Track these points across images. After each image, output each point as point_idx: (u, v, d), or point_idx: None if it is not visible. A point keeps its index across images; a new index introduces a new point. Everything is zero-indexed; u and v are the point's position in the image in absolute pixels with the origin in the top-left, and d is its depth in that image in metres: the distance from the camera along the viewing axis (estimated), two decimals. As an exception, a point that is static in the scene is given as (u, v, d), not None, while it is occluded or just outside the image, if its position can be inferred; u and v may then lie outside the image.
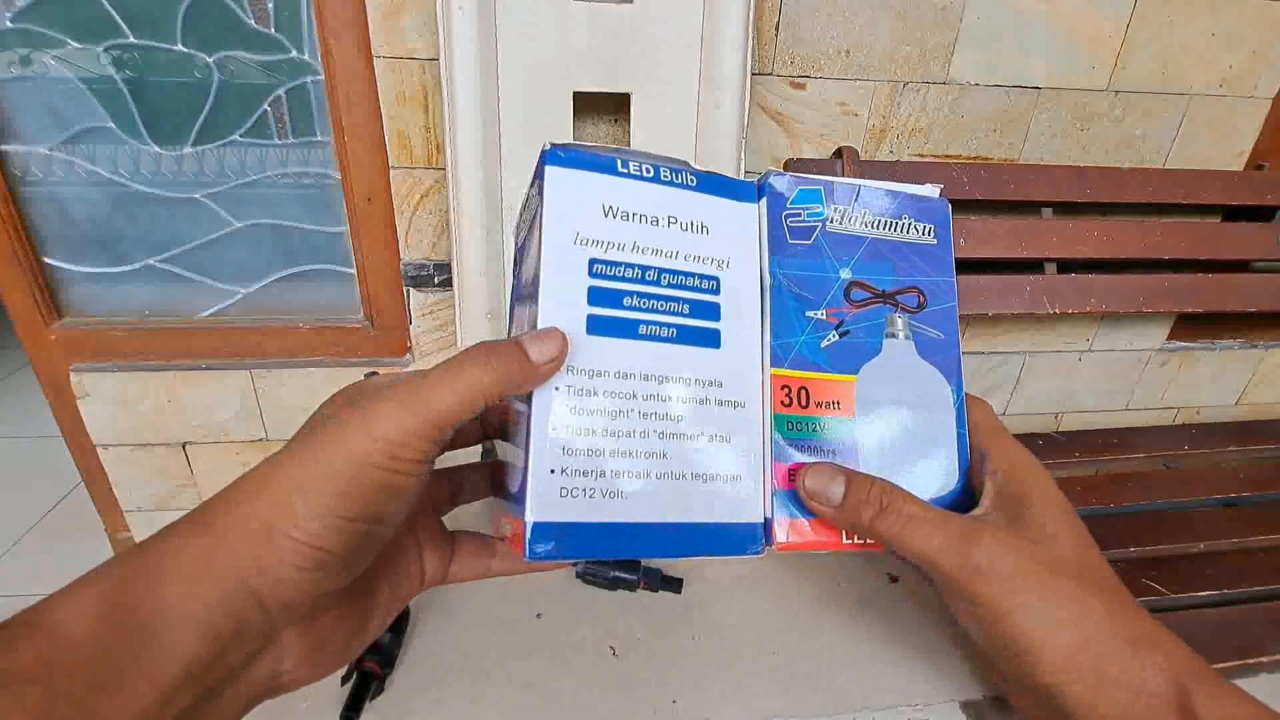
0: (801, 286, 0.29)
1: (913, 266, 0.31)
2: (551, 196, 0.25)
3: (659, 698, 0.33)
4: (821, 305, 0.29)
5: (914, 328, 0.31)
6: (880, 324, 0.30)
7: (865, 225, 0.30)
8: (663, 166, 0.28)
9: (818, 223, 0.29)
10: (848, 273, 0.30)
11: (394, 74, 0.94)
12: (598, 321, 0.25)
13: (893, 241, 0.31)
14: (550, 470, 0.23)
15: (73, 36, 0.93)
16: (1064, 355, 1.30)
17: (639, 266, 0.26)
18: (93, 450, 1.13)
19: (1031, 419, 1.36)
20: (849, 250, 0.30)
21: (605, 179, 0.26)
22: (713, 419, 0.27)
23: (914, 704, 0.33)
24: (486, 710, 0.32)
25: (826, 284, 0.30)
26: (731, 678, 0.34)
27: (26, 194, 1.00)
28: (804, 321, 0.29)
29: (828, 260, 0.30)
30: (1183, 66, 1.10)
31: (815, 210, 0.29)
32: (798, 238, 0.29)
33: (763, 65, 1.00)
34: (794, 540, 0.28)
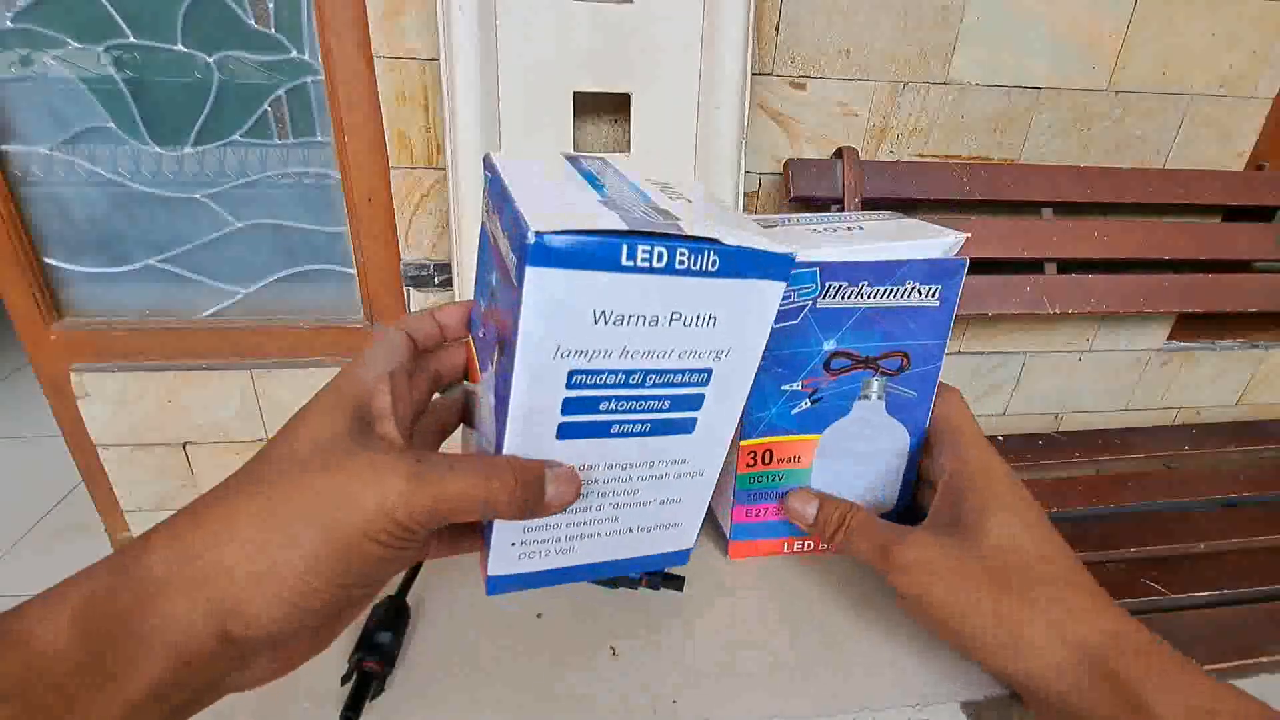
0: (781, 364, 0.29)
1: (905, 330, 0.30)
2: (532, 306, 0.19)
3: (659, 698, 0.33)
4: (799, 378, 0.29)
5: (890, 389, 0.31)
6: (855, 388, 0.31)
7: (861, 297, 0.29)
8: (681, 248, 0.20)
9: (806, 302, 0.28)
10: (831, 344, 0.29)
11: (394, 74, 0.94)
12: (569, 428, 0.23)
13: (889, 308, 0.29)
14: (510, 544, 0.26)
15: (73, 36, 0.93)
16: (1064, 355, 1.30)
17: (624, 372, 0.22)
18: (93, 450, 1.13)
19: (1031, 419, 1.36)
20: (837, 323, 0.29)
21: (604, 277, 0.19)
22: (669, 488, 0.26)
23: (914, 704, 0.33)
24: (486, 710, 0.32)
25: (807, 358, 0.29)
26: (731, 678, 0.34)
27: (26, 194, 1.00)
28: (779, 394, 0.29)
29: (812, 337, 0.29)
30: (1183, 66, 1.10)
31: (806, 290, 0.28)
32: (783, 320, 0.28)
33: (763, 65, 1.00)
34: (744, 553, 0.38)
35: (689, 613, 0.38)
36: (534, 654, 0.35)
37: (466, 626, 0.36)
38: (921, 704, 0.33)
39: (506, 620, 0.36)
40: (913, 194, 1.06)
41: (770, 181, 1.08)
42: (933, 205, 1.10)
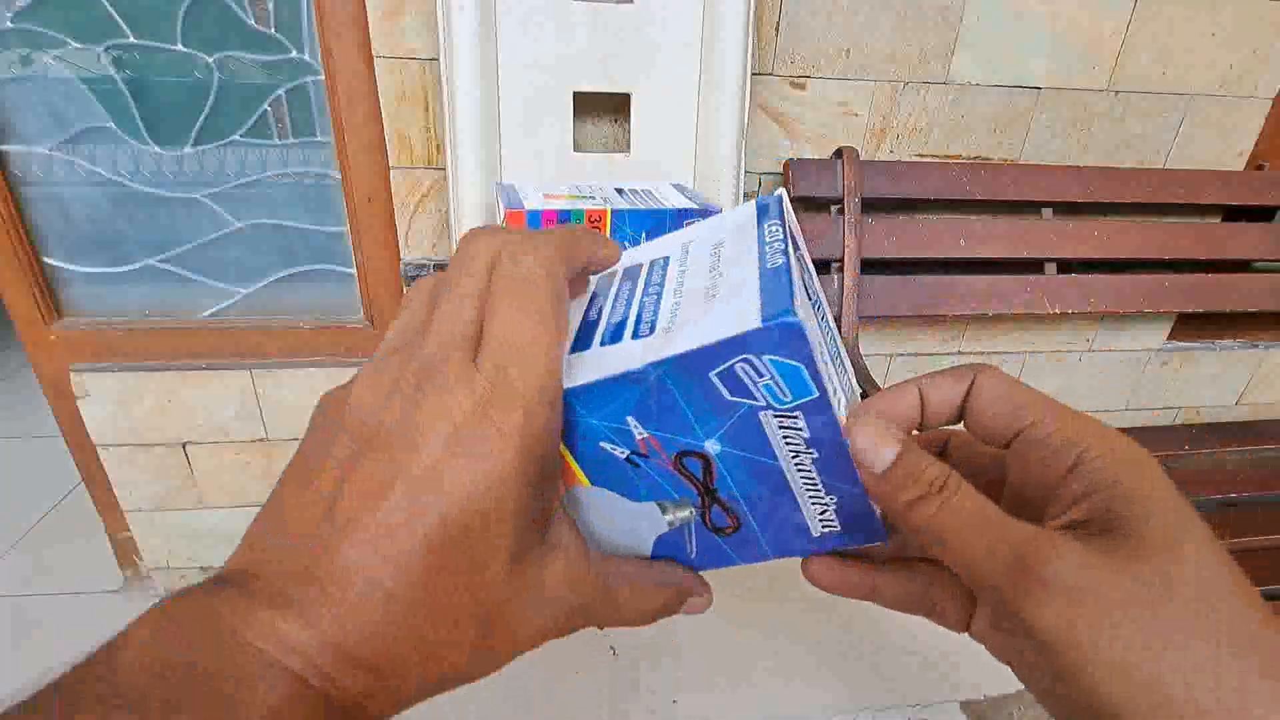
0: (659, 404, 0.21)
1: (770, 516, 0.23)
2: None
3: (659, 698, 0.33)
4: (654, 432, 0.21)
5: (686, 529, 0.24)
6: (668, 495, 0.23)
7: (794, 458, 0.21)
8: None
9: (762, 401, 0.20)
10: (713, 447, 0.21)
11: (394, 74, 0.94)
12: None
13: (794, 497, 0.22)
14: None
15: (73, 36, 0.93)
16: (1064, 355, 1.30)
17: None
18: (93, 450, 1.13)
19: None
20: (747, 442, 0.21)
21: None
22: None
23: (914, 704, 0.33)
24: (486, 710, 0.32)
25: (683, 430, 0.21)
26: (731, 678, 0.34)
27: (26, 194, 1.00)
28: (617, 420, 0.21)
29: (715, 422, 0.21)
30: (1183, 66, 1.10)
31: (779, 395, 0.20)
32: (724, 383, 0.20)
33: (763, 65, 1.00)
34: None
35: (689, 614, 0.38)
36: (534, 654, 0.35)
37: (467, 626, 0.36)
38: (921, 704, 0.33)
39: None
40: (913, 194, 1.06)
41: (770, 181, 1.08)
42: (933, 205, 1.10)
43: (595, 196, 0.69)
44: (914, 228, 1.07)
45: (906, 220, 1.09)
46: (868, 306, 1.06)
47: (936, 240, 1.07)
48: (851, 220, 1.03)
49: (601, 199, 0.67)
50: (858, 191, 1.02)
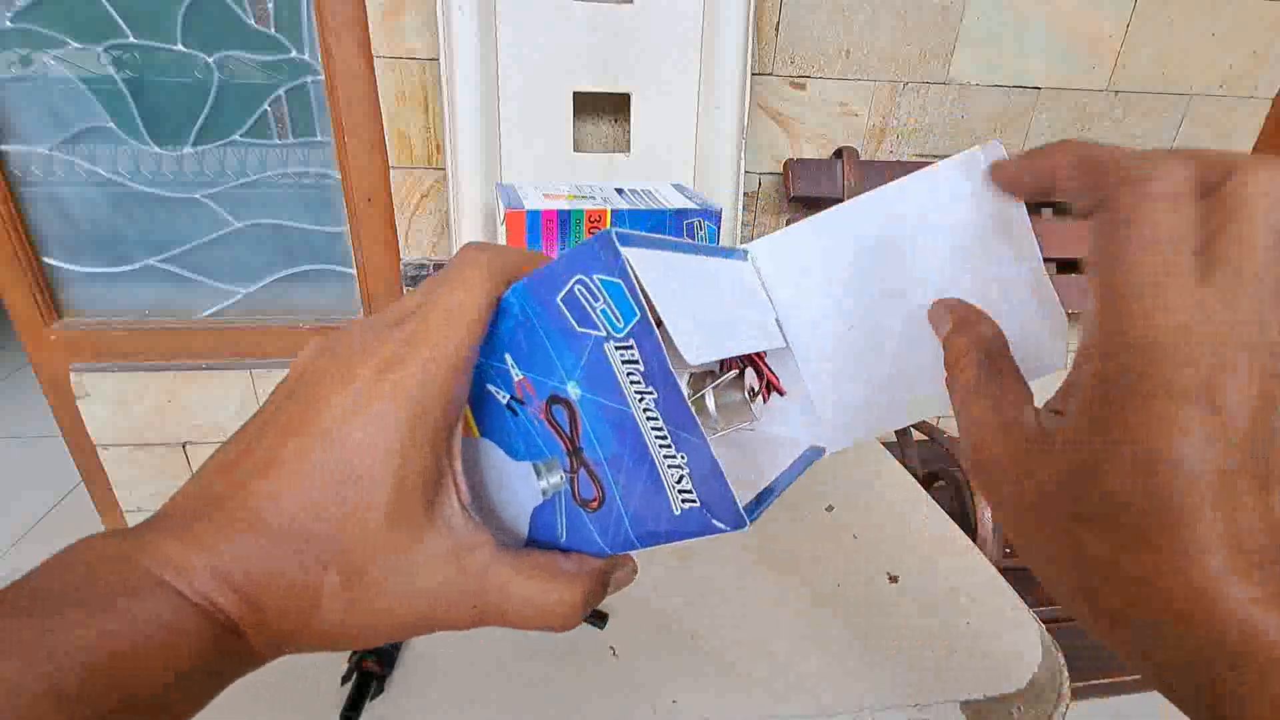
0: (527, 338, 0.22)
1: (631, 484, 0.22)
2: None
3: (659, 698, 0.33)
4: (526, 373, 0.22)
5: (558, 501, 0.23)
6: (539, 452, 0.23)
7: (638, 400, 0.21)
8: None
9: (601, 329, 0.20)
10: (574, 391, 0.21)
11: (394, 74, 0.94)
12: None
13: (646, 450, 0.21)
14: None
15: (73, 36, 0.93)
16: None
17: None
18: (93, 450, 1.13)
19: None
20: (599, 384, 0.21)
21: None
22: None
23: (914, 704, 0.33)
24: (486, 710, 0.32)
25: (548, 369, 0.22)
26: (731, 678, 0.34)
27: (26, 194, 1.00)
28: (498, 358, 0.22)
29: (572, 359, 0.21)
30: (1183, 66, 1.10)
31: (613, 319, 0.20)
32: (569, 309, 0.20)
33: (763, 65, 1.00)
34: None
35: (689, 613, 0.38)
36: (534, 654, 0.35)
37: (466, 626, 0.36)
38: (921, 704, 0.33)
39: (506, 620, 0.36)
40: (913, 194, 1.06)
41: (770, 181, 1.08)
42: (933, 205, 1.10)
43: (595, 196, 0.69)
44: (914, 228, 1.08)
45: (906, 220, 1.09)
46: (868, 306, 1.06)
47: (936, 240, 1.07)
48: (851, 220, 1.03)
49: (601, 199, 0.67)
50: (858, 191, 1.03)
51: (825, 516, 0.46)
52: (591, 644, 0.35)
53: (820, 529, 0.45)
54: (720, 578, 0.41)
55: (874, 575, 0.41)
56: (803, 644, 0.36)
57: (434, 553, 0.20)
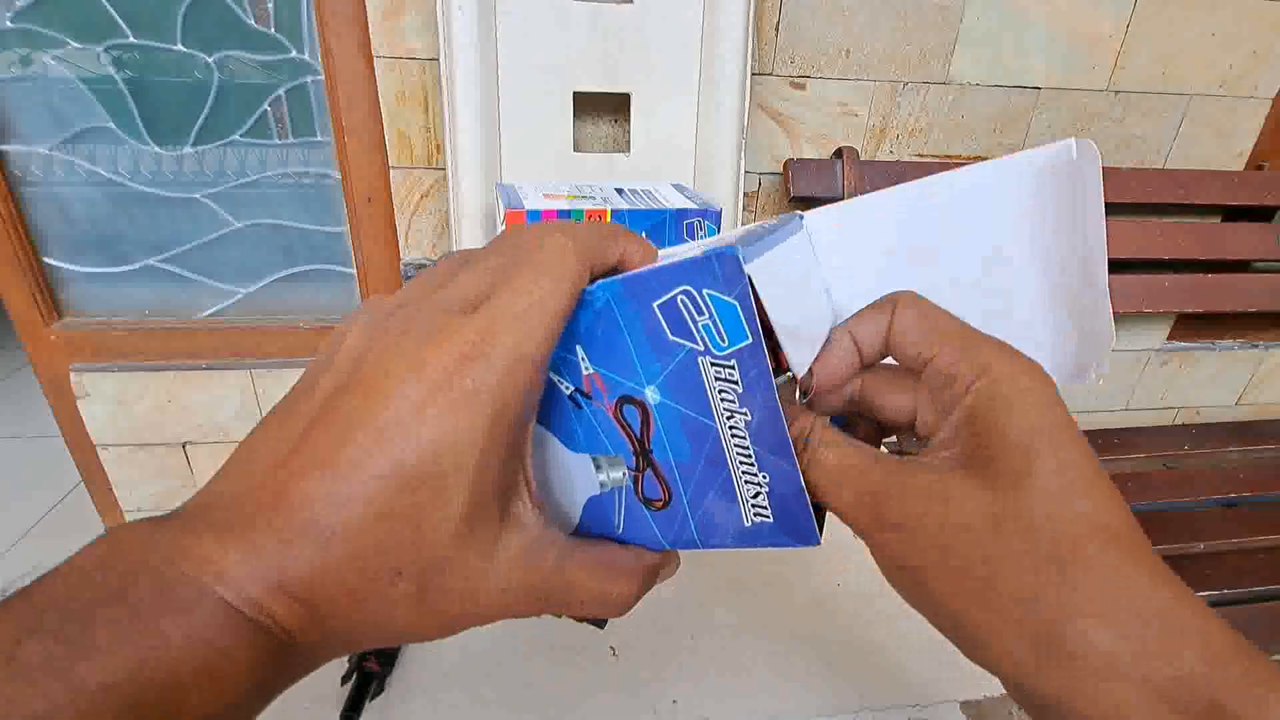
0: (607, 333, 0.21)
1: (703, 492, 0.22)
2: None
3: (659, 698, 0.33)
4: (599, 369, 0.21)
5: (617, 496, 0.23)
6: (603, 448, 0.22)
7: (727, 417, 0.21)
8: None
9: (700, 344, 0.20)
10: (653, 396, 0.21)
11: (394, 74, 0.94)
12: None
13: (725, 465, 0.21)
14: None
15: (73, 36, 0.93)
16: (1064, 355, 1.30)
17: None
18: (93, 450, 1.13)
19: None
20: (686, 395, 0.21)
21: None
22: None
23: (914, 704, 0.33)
24: (486, 710, 0.32)
25: (626, 370, 0.21)
26: (731, 678, 0.34)
27: (26, 194, 1.00)
28: (567, 348, 0.21)
29: (658, 365, 0.21)
30: (1183, 66, 1.10)
31: (717, 338, 0.20)
32: (666, 317, 0.20)
33: (763, 65, 1.00)
34: None
35: (688, 613, 0.38)
36: (534, 654, 0.35)
37: (466, 626, 0.36)
38: (921, 704, 0.33)
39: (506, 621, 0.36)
40: (913, 194, 1.06)
41: (770, 181, 1.08)
42: (933, 205, 1.10)
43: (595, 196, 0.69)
44: (914, 228, 1.07)
45: (906, 220, 1.09)
46: (868, 306, 1.06)
47: (936, 240, 1.07)
48: (851, 220, 1.03)
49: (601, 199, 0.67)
50: (858, 191, 1.02)
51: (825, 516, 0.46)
52: (591, 644, 0.35)
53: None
54: (720, 578, 0.41)
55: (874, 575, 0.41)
56: (803, 644, 0.36)
57: (509, 555, 0.19)
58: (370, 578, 0.17)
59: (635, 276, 0.20)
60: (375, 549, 0.17)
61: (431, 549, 0.17)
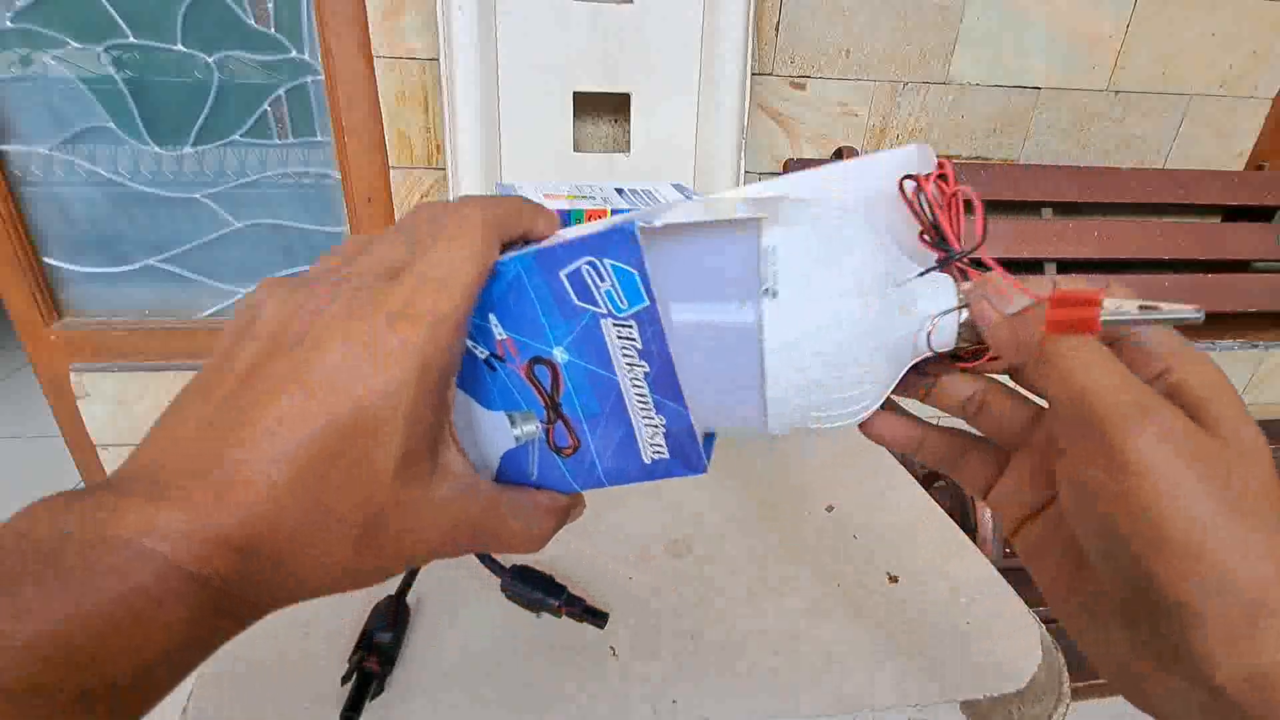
0: (518, 302, 0.23)
1: (607, 438, 0.24)
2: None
3: (659, 698, 0.33)
4: (511, 334, 0.23)
5: (531, 447, 0.25)
6: (519, 404, 0.24)
7: (628, 371, 0.23)
8: None
9: (602, 308, 0.22)
10: (561, 355, 0.23)
11: (394, 74, 0.94)
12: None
13: (626, 413, 0.24)
14: None
15: (73, 36, 0.93)
16: (1064, 355, 1.30)
17: None
18: (93, 450, 1.13)
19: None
20: (590, 354, 0.23)
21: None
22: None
23: (914, 704, 0.33)
24: (486, 710, 0.32)
25: (536, 333, 0.23)
26: (731, 678, 0.34)
27: (26, 194, 1.00)
28: (481, 316, 0.23)
29: (565, 328, 0.23)
30: (1183, 66, 1.10)
31: (618, 302, 0.22)
32: (572, 284, 0.22)
33: (763, 65, 1.00)
34: None
35: (688, 613, 0.38)
36: (534, 654, 0.35)
37: (466, 626, 0.36)
38: (921, 704, 0.33)
39: (506, 620, 0.36)
40: (913, 194, 1.06)
41: (770, 181, 1.08)
42: (933, 205, 1.10)
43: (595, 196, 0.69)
44: (914, 228, 1.08)
45: (906, 220, 1.09)
46: (868, 306, 1.06)
47: (936, 240, 1.07)
48: (851, 220, 1.03)
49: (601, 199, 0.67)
50: (858, 191, 1.03)
51: (825, 516, 0.46)
52: (591, 644, 0.35)
53: (820, 529, 0.45)
54: (720, 578, 0.41)
55: (874, 575, 0.41)
56: (803, 644, 0.36)
57: (443, 496, 0.21)
58: (313, 522, 0.18)
59: (546, 250, 0.22)
60: (316, 496, 0.18)
61: (372, 493, 0.19)
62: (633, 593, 0.39)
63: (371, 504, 0.19)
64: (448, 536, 0.22)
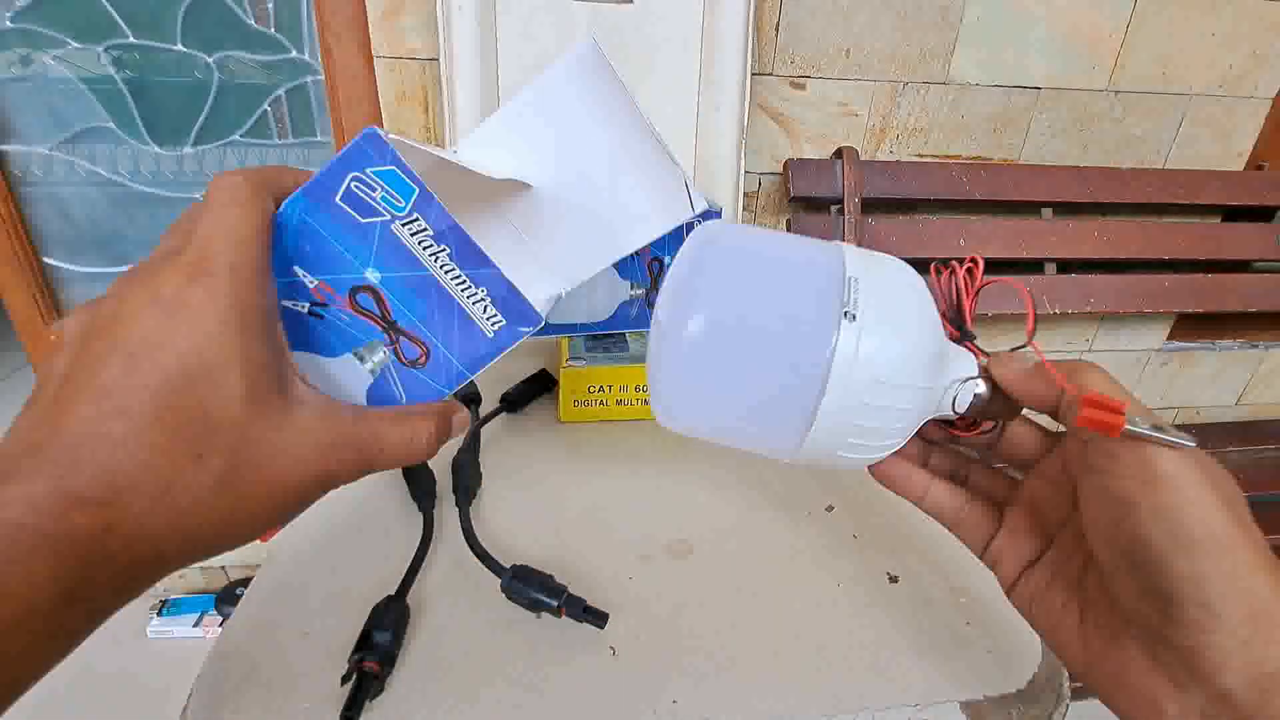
0: (313, 244, 0.24)
1: (448, 330, 0.26)
2: None
3: (659, 698, 0.33)
4: (321, 276, 0.24)
5: (388, 372, 0.26)
6: (358, 339, 0.26)
7: (435, 260, 0.25)
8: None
9: (386, 213, 0.24)
10: (374, 275, 0.25)
11: (394, 74, 0.94)
12: None
13: (452, 298, 0.25)
14: None
15: (73, 36, 0.93)
16: (1064, 356, 1.30)
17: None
18: (93, 450, 1.13)
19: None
20: (396, 261, 0.24)
21: None
22: None
23: (914, 704, 0.33)
24: (486, 710, 0.32)
25: (342, 266, 0.24)
26: (731, 678, 0.34)
27: (26, 194, 1.00)
28: (286, 274, 0.24)
29: (364, 249, 0.24)
30: (1183, 66, 1.10)
31: (394, 201, 0.23)
32: (351, 205, 0.23)
33: (763, 65, 1.00)
34: None
35: (688, 613, 0.38)
36: (534, 654, 0.35)
37: (466, 626, 0.36)
38: (921, 704, 0.33)
39: (506, 620, 0.36)
40: (913, 194, 1.06)
41: (770, 181, 1.08)
42: (933, 205, 1.10)
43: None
44: (914, 228, 1.07)
45: (906, 220, 1.09)
46: (868, 306, 1.06)
47: (936, 240, 1.07)
48: (851, 220, 1.03)
49: (601, 199, 0.67)
50: (858, 191, 1.02)
51: (825, 516, 0.46)
52: (591, 644, 0.35)
53: (820, 529, 0.45)
54: (720, 578, 0.41)
55: (874, 575, 0.41)
56: (803, 644, 0.36)
57: (305, 420, 0.22)
58: (168, 466, 0.19)
59: (310, 184, 0.23)
60: (162, 444, 0.19)
61: (226, 429, 0.20)
62: (633, 593, 0.39)
63: (223, 442, 0.20)
64: (328, 457, 0.22)
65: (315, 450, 0.22)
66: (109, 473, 0.18)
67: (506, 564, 0.37)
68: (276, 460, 0.21)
